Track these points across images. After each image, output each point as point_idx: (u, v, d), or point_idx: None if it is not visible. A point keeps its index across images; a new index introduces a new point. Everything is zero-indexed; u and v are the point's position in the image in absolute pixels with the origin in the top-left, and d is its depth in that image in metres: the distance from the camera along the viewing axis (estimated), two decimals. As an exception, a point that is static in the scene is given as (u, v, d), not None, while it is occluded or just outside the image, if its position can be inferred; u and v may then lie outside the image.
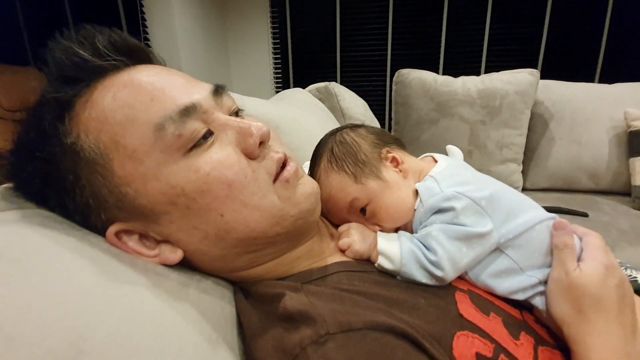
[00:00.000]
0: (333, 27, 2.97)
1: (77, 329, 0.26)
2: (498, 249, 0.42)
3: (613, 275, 0.39)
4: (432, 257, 0.40)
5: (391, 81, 1.68)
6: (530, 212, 0.44)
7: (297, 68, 3.14)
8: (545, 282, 0.41)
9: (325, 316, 0.32)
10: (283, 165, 0.40)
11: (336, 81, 2.18)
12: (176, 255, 0.38)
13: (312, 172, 0.51)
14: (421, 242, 0.42)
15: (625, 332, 0.38)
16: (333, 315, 0.32)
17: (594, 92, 1.55)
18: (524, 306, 0.43)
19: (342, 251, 0.45)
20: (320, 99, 1.43)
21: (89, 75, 0.36)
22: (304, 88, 1.51)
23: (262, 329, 0.35)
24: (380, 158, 0.49)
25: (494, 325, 0.37)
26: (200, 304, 0.37)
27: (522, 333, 0.39)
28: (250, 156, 0.38)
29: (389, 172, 0.48)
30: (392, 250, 0.42)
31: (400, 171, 0.48)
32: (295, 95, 1.36)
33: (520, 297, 0.42)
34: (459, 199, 0.42)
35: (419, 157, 0.55)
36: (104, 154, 0.34)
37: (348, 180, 0.47)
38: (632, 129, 1.39)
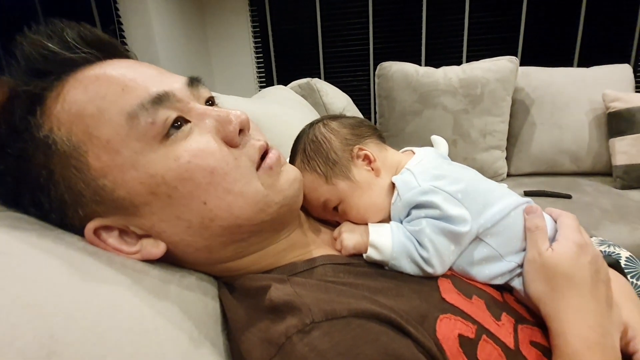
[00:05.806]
0: (314, 23, 2.96)
1: (48, 330, 0.25)
2: (477, 238, 0.43)
3: (586, 253, 0.40)
4: (424, 254, 0.40)
5: (375, 75, 1.68)
6: (504, 199, 0.45)
7: (280, 66, 3.12)
8: (522, 265, 0.42)
9: (311, 305, 0.32)
10: (265, 153, 0.40)
11: (320, 77, 2.18)
12: (159, 249, 0.37)
13: None
14: (414, 237, 0.42)
15: (600, 306, 0.39)
16: (318, 304, 0.32)
17: (572, 76, 1.58)
18: (505, 288, 0.45)
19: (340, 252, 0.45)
20: (302, 96, 1.43)
21: (59, 67, 0.36)
22: (286, 85, 1.51)
23: (248, 322, 0.35)
24: (351, 157, 0.48)
25: (476, 308, 0.38)
26: (182, 301, 0.36)
27: (504, 314, 0.40)
28: (230, 144, 0.38)
29: (360, 172, 0.47)
30: (384, 242, 0.42)
31: (372, 169, 0.48)
32: (277, 92, 1.35)
33: (499, 281, 0.43)
34: (437, 193, 0.42)
35: (400, 151, 0.54)
36: (77, 147, 0.33)
37: (320, 181, 0.47)
38: (610, 110, 1.42)
